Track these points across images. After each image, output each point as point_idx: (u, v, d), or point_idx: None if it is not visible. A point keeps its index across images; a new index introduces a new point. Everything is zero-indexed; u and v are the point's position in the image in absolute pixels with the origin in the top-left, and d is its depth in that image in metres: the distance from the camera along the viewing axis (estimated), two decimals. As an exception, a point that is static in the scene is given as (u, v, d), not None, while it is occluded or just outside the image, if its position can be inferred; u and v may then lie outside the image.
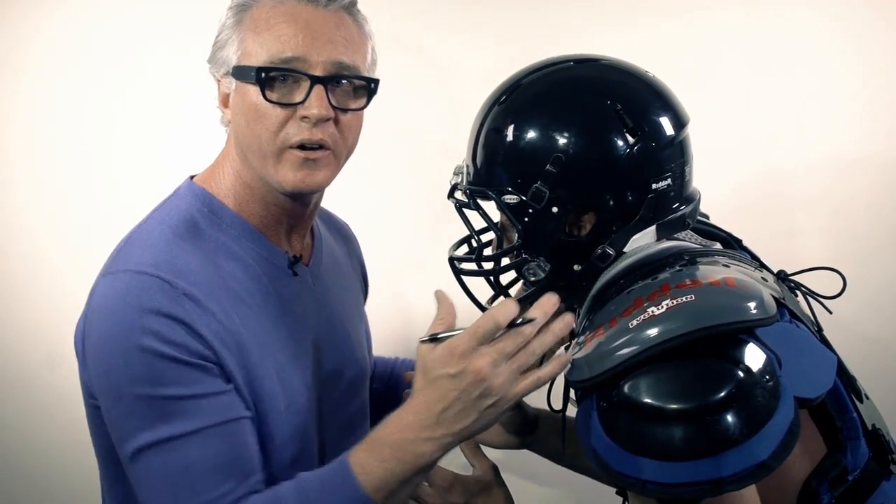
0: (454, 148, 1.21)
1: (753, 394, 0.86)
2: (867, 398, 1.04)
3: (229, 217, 1.16)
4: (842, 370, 1.00)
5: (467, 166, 1.16)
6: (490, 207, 1.14)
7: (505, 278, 1.21)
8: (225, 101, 1.16)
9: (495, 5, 1.71)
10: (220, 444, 1.03)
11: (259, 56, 1.09)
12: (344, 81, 1.12)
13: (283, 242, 1.21)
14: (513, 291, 1.22)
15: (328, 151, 1.12)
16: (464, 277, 1.19)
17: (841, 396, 0.97)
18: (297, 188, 1.12)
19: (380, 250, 1.58)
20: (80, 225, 1.80)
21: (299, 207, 1.19)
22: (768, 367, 0.87)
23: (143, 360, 1.02)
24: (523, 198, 1.07)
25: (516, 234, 1.11)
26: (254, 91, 1.10)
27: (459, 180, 1.18)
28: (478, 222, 1.19)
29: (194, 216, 1.14)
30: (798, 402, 0.88)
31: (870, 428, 0.99)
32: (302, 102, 1.09)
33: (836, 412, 0.96)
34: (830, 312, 1.11)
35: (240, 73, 1.11)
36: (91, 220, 1.79)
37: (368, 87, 1.15)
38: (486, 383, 0.95)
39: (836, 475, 0.95)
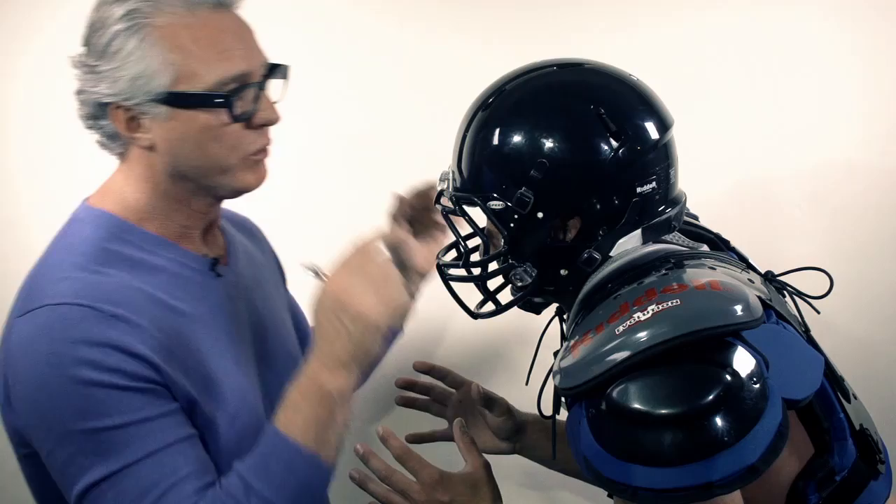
0: (442, 152, 1.20)
1: (741, 396, 0.86)
2: (855, 398, 1.05)
3: (140, 234, 1.12)
4: (829, 371, 1.00)
5: (453, 172, 1.16)
6: (476, 213, 1.14)
7: (493, 283, 1.21)
8: (131, 127, 1.08)
9: (484, 7, 1.70)
10: (173, 461, 1.01)
11: (207, 77, 1.05)
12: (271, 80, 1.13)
13: (201, 246, 1.19)
14: (501, 296, 1.22)
15: None
16: (452, 283, 1.19)
17: (828, 397, 0.97)
18: (256, 187, 1.14)
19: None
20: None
21: (218, 207, 1.20)
22: (755, 369, 0.87)
23: (82, 393, 0.98)
24: (508, 203, 1.07)
25: (503, 240, 1.11)
26: (208, 115, 1.07)
27: (445, 186, 1.18)
28: (465, 228, 1.19)
29: (102, 239, 1.10)
30: (786, 403, 0.88)
31: (857, 428, 0.99)
32: (254, 112, 1.10)
33: (823, 413, 0.96)
34: (818, 312, 1.11)
35: (182, 99, 1.05)
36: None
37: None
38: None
39: (824, 476, 0.96)
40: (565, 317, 1.21)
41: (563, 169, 1.05)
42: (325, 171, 1.73)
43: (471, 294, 1.22)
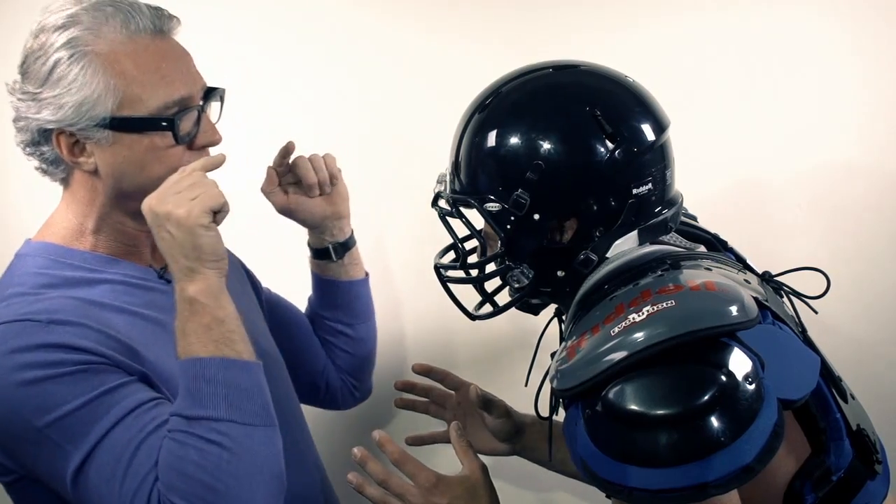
0: (442, 154, 1.21)
1: (736, 397, 0.86)
2: (853, 398, 1.04)
3: (81, 255, 1.14)
4: (826, 371, 1.00)
5: (449, 174, 1.16)
6: (474, 215, 1.14)
7: (491, 285, 1.21)
8: (74, 152, 1.10)
9: (484, 8, 1.71)
10: (139, 421, 1.02)
11: (150, 102, 1.09)
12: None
13: (148, 258, 1.21)
14: (499, 298, 1.22)
15: None
16: (450, 285, 1.20)
17: (824, 397, 0.97)
18: None
19: (373, 256, 1.59)
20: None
21: None
22: (751, 369, 0.87)
23: (33, 392, 1.00)
24: (505, 205, 1.08)
25: (499, 242, 1.11)
26: (152, 138, 1.10)
27: (442, 189, 1.18)
28: (462, 230, 1.19)
29: (42, 267, 1.12)
30: (782, 403, 0.88)
31: (854, 428, 0.99)
32: (196, 133, 1.13)
33: (819, 413, 0.96)
34: (816, 312, 1.11)
35: (127, 124, 1.08)
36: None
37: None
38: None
39: (820, 475, 0.96)
40: (564, 317, 1.21)
41: (560, 171, 1.06)
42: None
43: (469, 296, 1.22)
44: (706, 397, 0.86)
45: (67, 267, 1.13)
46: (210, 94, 1.16)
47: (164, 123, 1.09)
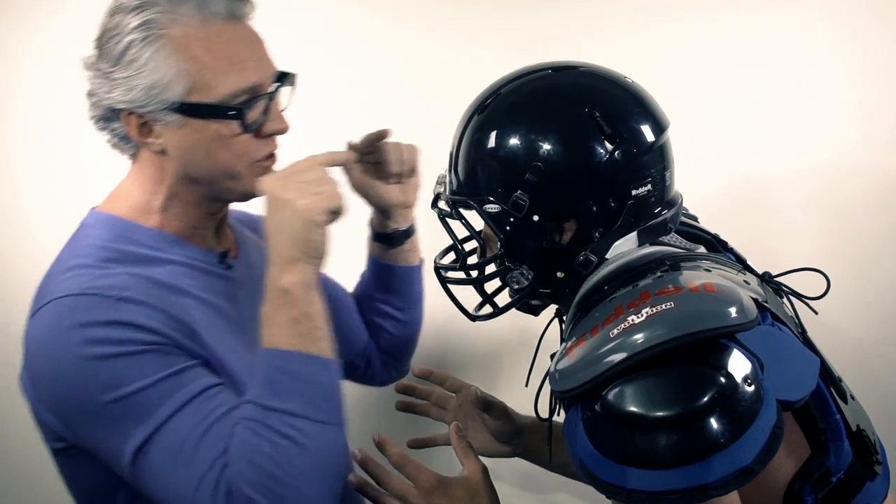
0: (443, 155, 1.21)
1: (736, 398, 0.85)
2: (853, 398, 1.04)
3: (147, 232, 1.15)
4: (826, 371, 0.99)
5: (449, 176, 1.17)
6: (473, 216, 1.14)
7: (491, 286, 1.21)
8: (143, 132, 1.11)
9: (484, 9, 1.71)
10: (206, 406, 1.03)
11: (220, 89, 1.08)
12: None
13: (211, 241, 1.22)
14: (499, 299, 1.22)
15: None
16: (450, 286, 1.20)
17: (824, 398, 0.97)
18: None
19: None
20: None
21: (227, 208, 1.23)
22: (750, 371, 0.87)
23: (100, 368, 1.01)
24: (504, 207, 1.08)
25: (499, 243, 1.11)
26: (220, 125, 1.09)
27: (442, 190, 1.18)
28: (462, 231, 1.19)
29: (107, 240, 1.12)
30: (781, 404, 0.88)
31: (854, 429, 0.98)
32: (263, 122, 1.12)
33: (818, 414, 0.96)
34: (816, 313, 1.11)
35: (195, 110, 1.08)
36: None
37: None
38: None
39: (820, 476, 0.95)
40: (564, 318, 1.21)
41: (559, 172, 1.06)
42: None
43: (469, 297, 1.22)
44: (705, 399, 0.85)
45: (133, 243, 1.13)
46: (281, 79, 1.15)
47: (231, 112, 1.09)
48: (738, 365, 0.87)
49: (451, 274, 1.21)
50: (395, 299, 1.48)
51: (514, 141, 1.08)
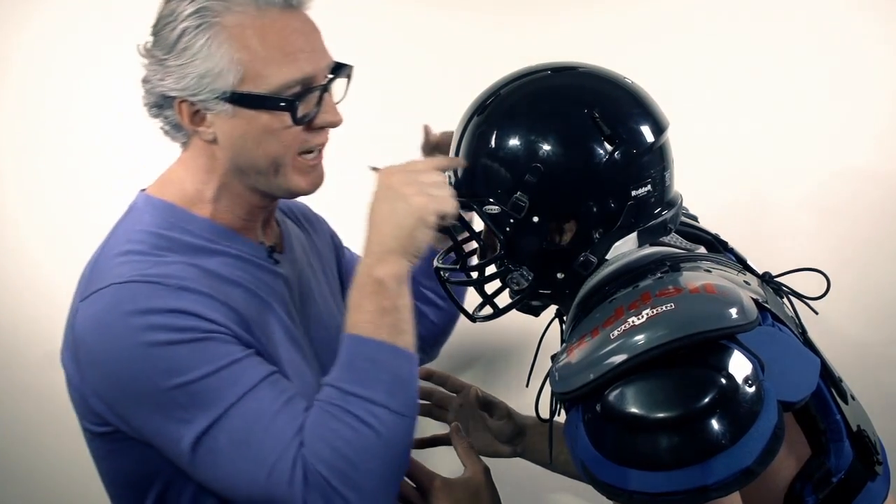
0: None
1: (736, 399, 0.85)
2: (853, 399, 1.04)
3: (198, 222, 1.14)
4: (826, 372, 0.99)
5: (449, 177, 1.16)
6: (473, 217, 1.14)
7: (492, 287, 1.21)
8: (195, 120, 1.10)
9: (484, 10, 1.70)
10: (271, 391, 1.03)
11: (273, 80, 1.07)
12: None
13: (260, 235, 1.22)
14: (500, 300, 1.22)
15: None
16: (450, 287, 1.20)
17: (824, 399, 0.97)
18: (310, 191, 1.16)
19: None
20: (75, 223, 1.78)
21: (274, 202, 1.22)
22: (751, 372, 0.87)
23: (162, 355, 1.00)
24: (504, 208, 1.08)
25: (499, 244, 1.11)
26: (270, 116, 1.08)
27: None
28: (462, 232, 1.19)
29: (160, 227, 1.12)
30: (782, 405, 0.88)
31: (854, 429, 0.98)
32: (315, 114, 1.11)
33: (819, 414, 0.96)
34: (816, 313, 1.11)
35: (247, 100, 1.07)
36: (88, 218, 1.77)
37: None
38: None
39: (821, 477, 0.96)
40: (565, 318, 1.21)
41: (558, 173, 1.06)
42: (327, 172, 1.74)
43: (470, 297, 1.22)
44: (706, 400, 0.85)
45: (187, 233, 1.13)
46: (336, 71, 1.14)
47: (282, 104, 1.08)
48: (739, 366, 0.87)
49: (451, 275, 1.21)
50: (440, 287, 1.48)
51: (513, 142, 1.08)
